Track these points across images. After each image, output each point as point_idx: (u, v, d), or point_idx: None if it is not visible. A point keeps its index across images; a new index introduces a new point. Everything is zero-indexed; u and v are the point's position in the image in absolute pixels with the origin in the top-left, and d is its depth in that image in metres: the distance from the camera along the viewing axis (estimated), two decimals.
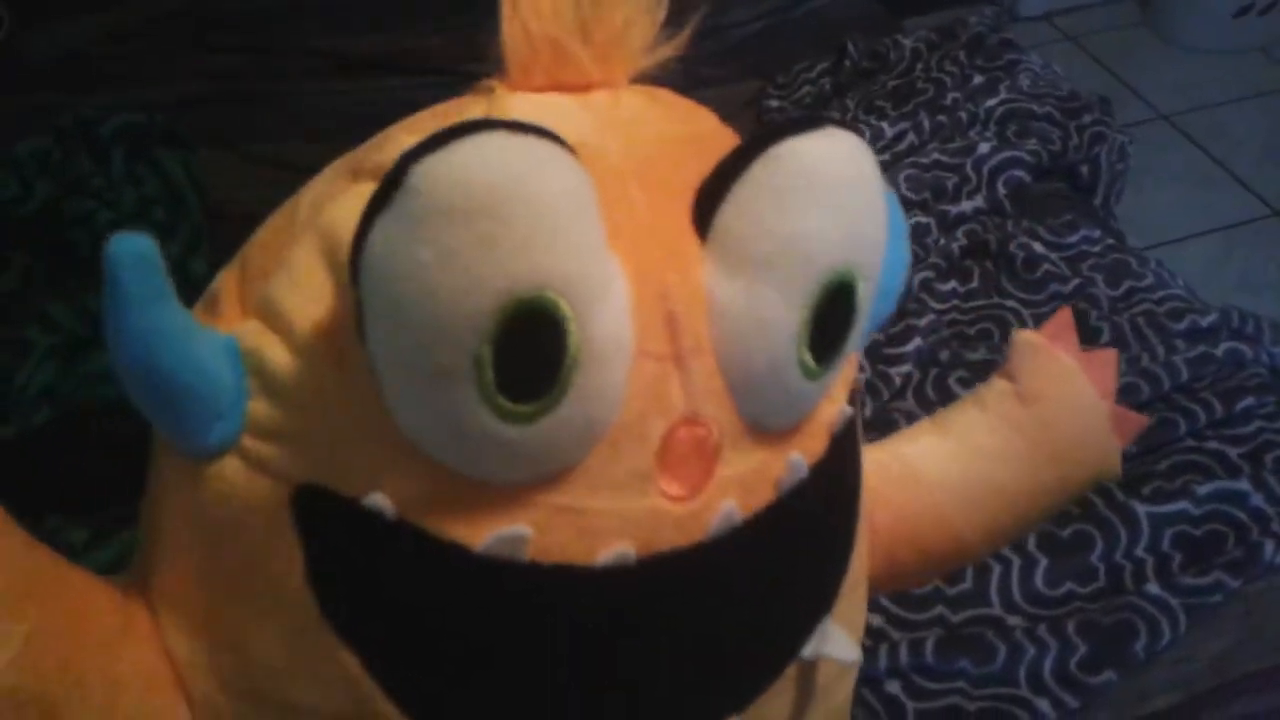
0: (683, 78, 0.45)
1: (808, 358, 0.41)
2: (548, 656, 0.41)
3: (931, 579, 0.66)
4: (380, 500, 0.39)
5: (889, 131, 1.38)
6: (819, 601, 0.49)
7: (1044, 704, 0.86)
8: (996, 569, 0.94)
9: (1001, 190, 1.32)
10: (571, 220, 0.36)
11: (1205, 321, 1.14)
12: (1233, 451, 1.01)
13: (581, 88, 0.43)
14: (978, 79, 1.45)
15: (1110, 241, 1.27)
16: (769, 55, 1.62)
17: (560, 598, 0.41)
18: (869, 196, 0.42)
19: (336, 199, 0.43)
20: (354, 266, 0.36)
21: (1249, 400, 1.05)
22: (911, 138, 1.38)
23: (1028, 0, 2.82)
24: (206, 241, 1.25)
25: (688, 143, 0.44)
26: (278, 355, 0.41)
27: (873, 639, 0.90)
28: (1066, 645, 0.88)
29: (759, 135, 0.40)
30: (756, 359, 0.41)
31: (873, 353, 1.14)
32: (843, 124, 0.42)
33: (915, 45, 1.54)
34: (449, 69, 1.56)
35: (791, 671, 0.48)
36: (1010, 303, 1.20)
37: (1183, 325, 1.14)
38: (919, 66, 1.50)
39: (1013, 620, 0.92)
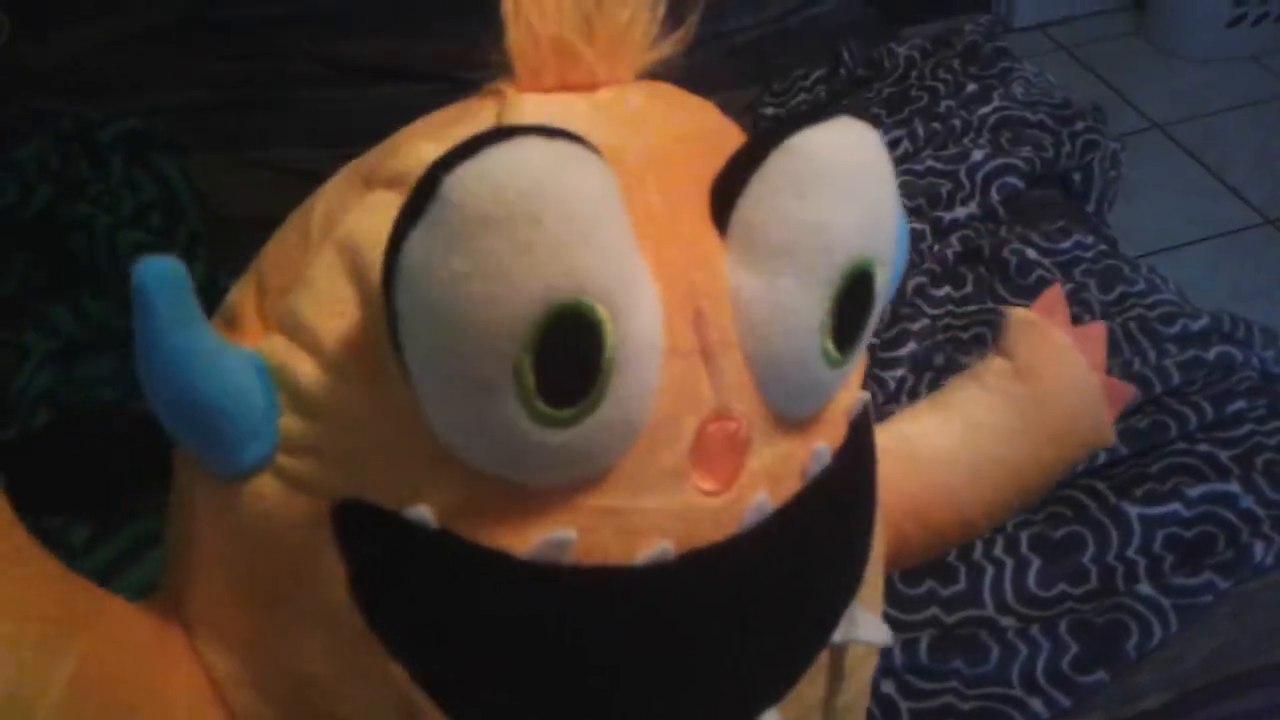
0: (680, 82, 0.45)
1: (831, 347, 0.42)
2: (593, 657, 0.41)
3: (933, 555, 0.67)
4: (422, 512, 0.39)
5: (883, 139, 1.39)
6: (847, 587, 0.49)
7: (1036, 703, 0.87)
8: (989, 570, 0.95)
9: (995, 197, 1.33)
10: (604, 223, 0.36)
11: (1196, 326, 1.15)
12: (1223, 454, 1.02)
13: (588, 86, 0.43)
14: (971, 87, 1.46)
15: (1103, 247, 1.28)
16: (766, 62, 1.64)
17: (604, 598, 0.41)
18: (883, 185, 0.42)
19: (351, 209, 0.42)
20: (388, 279, 0.35)
21: (1239, 403, 1.06)
22: (906, 145, 1.39)
23: (1021, 10, 2.84)
24: (204, 246, 1.26)
25: (696, 139, 0.44)
26: (307, 370, 0.41)
27: None
28: (1059, 645, 0.89)
29: (773, 128, 0.41)
30: (783, 351, 0.41)
31: (867, 356, 1.15)
32: (856, 114, 0.42)
33: (910, 53, 1.55)
34: (446, 75, 1.57)
35: (823, 658, 0.48)
36: (1004, 308, 1.20)
37: (1174, 329, 1.14)
38: (913, 74, 1.52)
39: (1005, 621, 0.92)
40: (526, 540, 0.39)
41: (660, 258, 0.39)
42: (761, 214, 0.40)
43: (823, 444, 0.45)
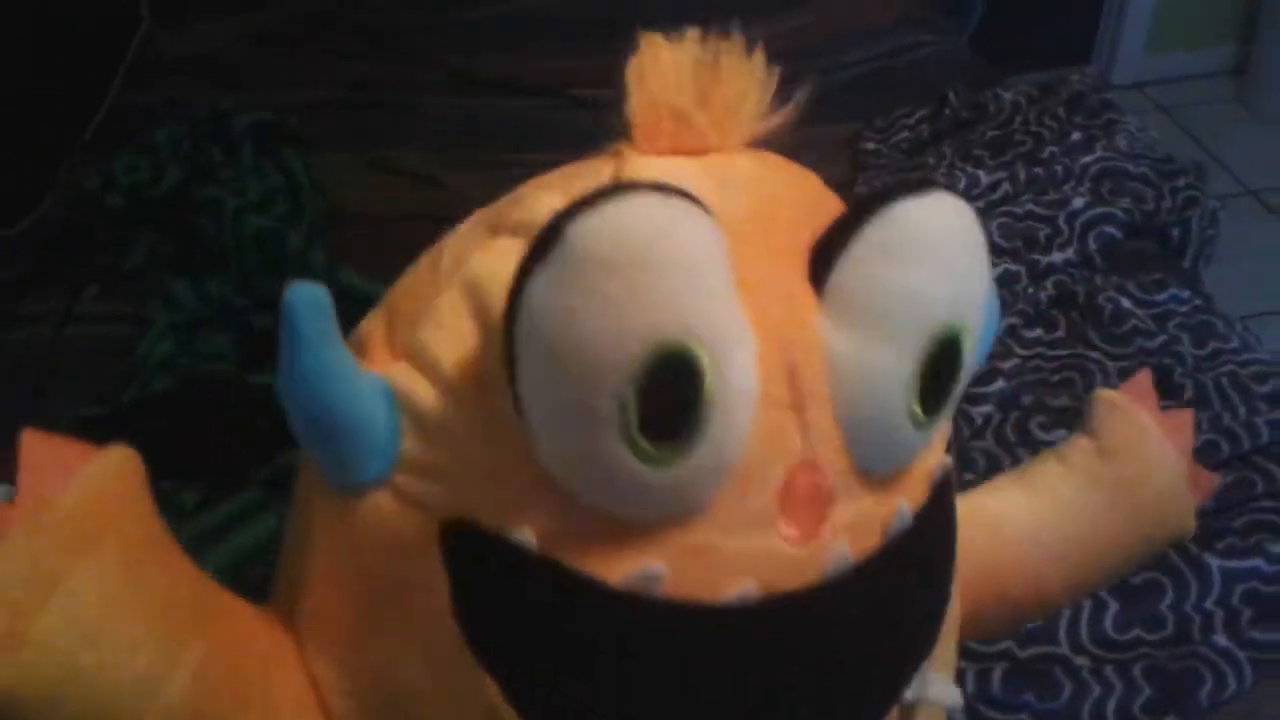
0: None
1: (917, 409, 0.44)
2: (674, 689, 0.44)
3: (1013, 629, 0.68)
4: (525, 534, 0.42)
5: (984, 180, 1.41)
6: (921, 645, 0.51)
7: None
8: (1067, 610, 0.96)
9: (1092, 244, 1.34)
10: (711, 274, 0.39)
11: None
12: None
13: (699, 152, 0.47)
14: (1075, 135, 1.47)
15: (1198, 302, 1.28)
16: (870, 99, 1.66)
17: (689, 632, 0.43)
18: (974, 256, 0.45)
19: (476, 252, 0.46)
20: (510, 313, 0.38)
21: None
22: (1006, 187, 1.40)
23: (1120, 68, 2.83)
24: (324, 238, 1.30)
25: (798, 205, 0.47)
26: (428, 396, 0.44)
27: None
28: (1131, 687, 0.89)
29: (870, 196, 0.43)
30: (870, 408, 0.44)
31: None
32: (948, 188, 0.45)
33: (1015, 99, 1.57)
34: (559, 92, 1.63)
35: (893, 714, 0.50)
36: (1094, 354, 1.22)
37: (1266, 388, 1.15)
38: (1018, 119, 1.53)
39: (1079, 660, 0.93)
40: (619, 570, 0.42)
41: (759, 312, 0.42)
42: (857, 278, 0.43)
43: (904, 503, 0.47)
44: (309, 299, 0.41)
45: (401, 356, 0.46)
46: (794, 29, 1.80)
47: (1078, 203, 1.36)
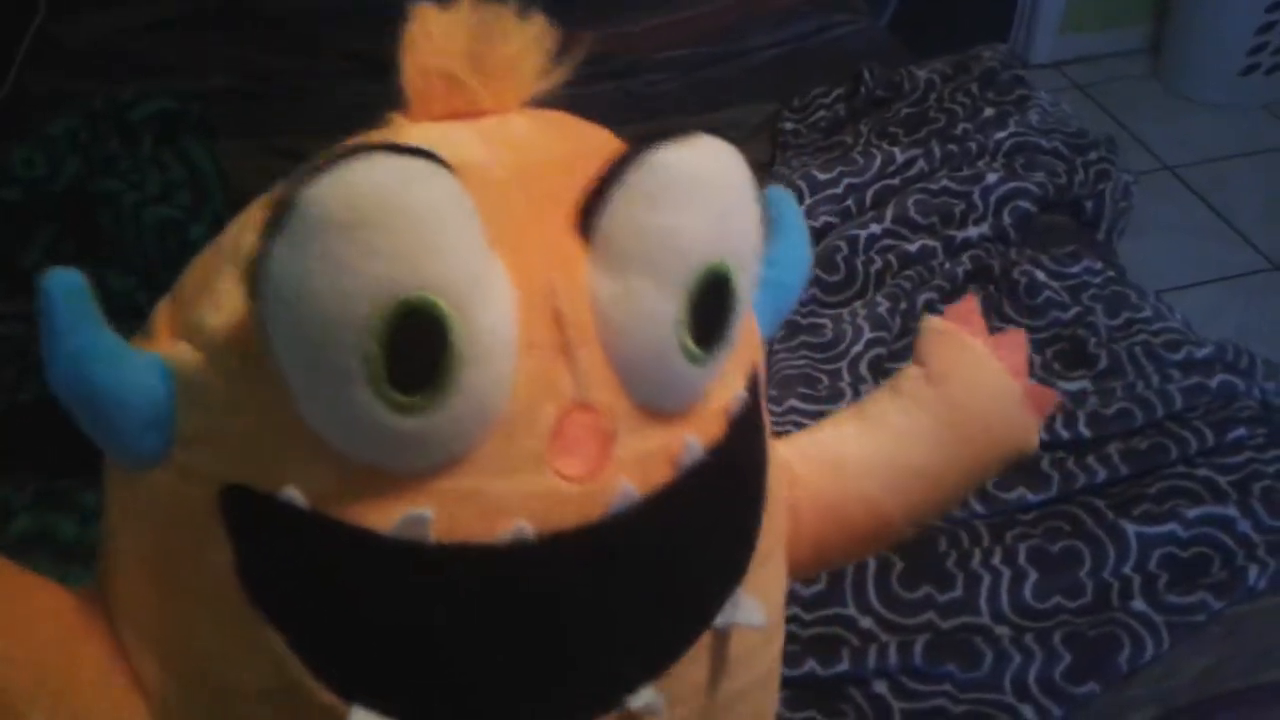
0: (702, 98, 0.47)
1: (689, 343, 0.45)
2: (456, 630, 0.44)
3: (854, 558, 0.70)
4: (293, 493, 0.43)
5: (900, 157, 1.41)
6: (728, 574, 0.52)
7: (1028, 710, 0.88)
8: (986, 579, 0.96)
9: (1007, 219, 1.35)
10: (446, 227, 0.40)
11: (1201, 354, 1.17)
12: (1222, 479, 1.04)
13: (475, 114, 0.47)
14: (989, 111, 1.48)
15: (1111, 274, 1.30)
16: (787, 80, 1.66)
17: (465, 574, 0.44)
18: (734, 195, 0.46)
19: (250, 230, 0.45)
20: (254, 283, 0.40)
21: (1240, 431, 1.08)
22: (922, 164, 1.41)
23: (1037, 47, 2.87)
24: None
25: (571, 159, 0.47)
26: (201, 370, 0.45)
27: (862, 640, 0.92)
28: (1052, 655, 0.90)
29: (634, 146, 0.45)
30: (640, 347, 0.45)
31: (875, 365, 1.17)
32: (713, 135, 0.46)
33: (929, 76, 1.58)
34: None
35: (706, 640, 0.51)
36: (1010, 327, 1.22)
37: (1178, 356, 1.16)
38: (932, 97, 1.54)
39: (1000, 629, 0.94)
40: (390, 520, 0.42)
41: (519, 260, 0.43)
42: (619, 223, 0.44)
43: (693, 436, 0.48)
44: (64, 284, 0.43)
45: (181, 337, 0.46)
46: (710, 12, 1.80)
47: (992, 178, 1.37)
